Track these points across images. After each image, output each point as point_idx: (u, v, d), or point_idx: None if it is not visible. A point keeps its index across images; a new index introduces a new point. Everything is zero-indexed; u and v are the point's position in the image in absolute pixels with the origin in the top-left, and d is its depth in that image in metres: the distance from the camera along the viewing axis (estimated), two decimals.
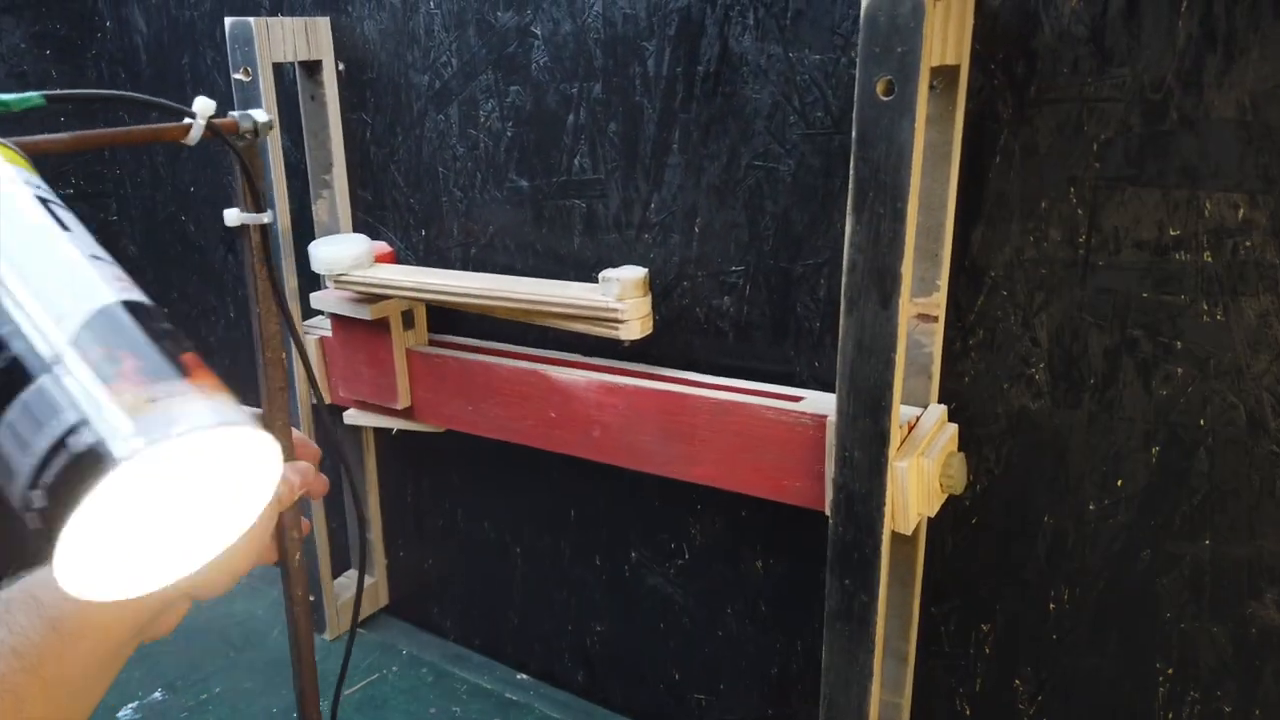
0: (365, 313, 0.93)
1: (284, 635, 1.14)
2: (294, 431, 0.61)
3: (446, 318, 1.01)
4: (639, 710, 1.01)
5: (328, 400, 1.02)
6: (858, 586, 0.71)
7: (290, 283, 1.01)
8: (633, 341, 0.83)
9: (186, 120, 0.55)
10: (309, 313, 1.04)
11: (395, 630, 1.17)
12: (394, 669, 1.09)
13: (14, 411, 0.32)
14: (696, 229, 0.83)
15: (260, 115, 0.56)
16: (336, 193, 1.03)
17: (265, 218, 0.57)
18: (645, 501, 0.94)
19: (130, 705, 1.02)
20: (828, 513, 0.73)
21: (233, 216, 0.57)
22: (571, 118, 0.86)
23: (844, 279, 0.65)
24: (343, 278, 0.91)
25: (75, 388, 0.31)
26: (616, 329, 0.81)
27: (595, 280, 0.88)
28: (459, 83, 0.93)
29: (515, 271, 0.95)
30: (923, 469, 0.68)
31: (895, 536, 0.70)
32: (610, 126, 0.85)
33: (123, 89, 1.23)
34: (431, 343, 0.99)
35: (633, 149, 0.84)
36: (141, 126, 0.55)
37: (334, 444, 0.72)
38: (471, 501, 1.08)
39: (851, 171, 0.63)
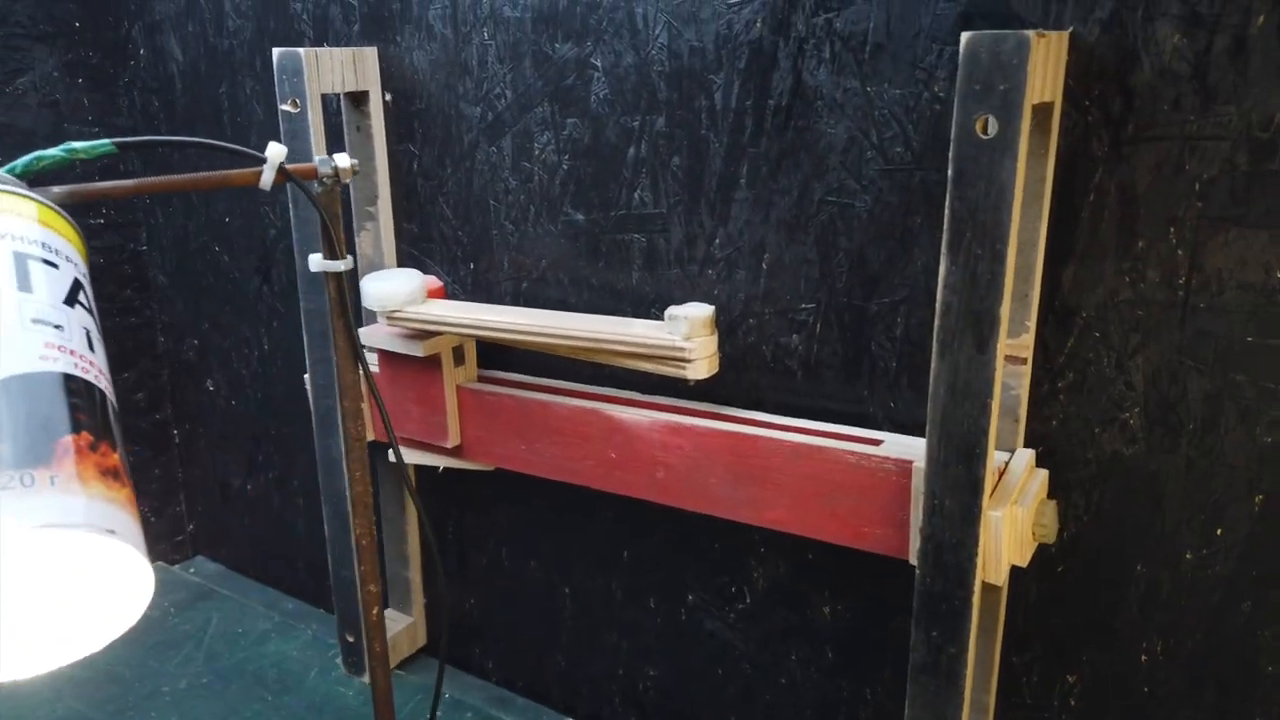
0: (417, 349, 0.90)
1: (321, 677, 1.11)
2: None
3: (495, 353, 0.98)
4: None
5: (452, 443, 0.99)
6: (945, 639, 0.68)
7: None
8: (698, 381, 0.81)
9: (259, 167, 0.53)
10: None
11: (434, 672, 1.13)
12: (439, 713, 1.05)
13: None
14: (764, 265, 0.80)
15: (342, 160, 0.54)
16: (381, 225, 1.01)
17: (343, 265, 0.54)
18: (704, 543, 0.91)
19: None
20: (913, 561, 0.70)
21: (316, 263, 0.55)
22: (632, 151, 0.84)
23: (937, 321, 0.63)
24: (396, 314, 0.88)
25: None
26: (683, 368, 0.79)
27: (655, 316, 0.85)
28: (513, 114, 0.91)
29: (568, 306, 0.92)
30: (1016, 518, 0.66)
31: (984, 586, 0.68)
32: (674, 160, 0.82)
33: (156, 118, 1.21)
34: (480, 379, 0.97)
35: (697, 183, 0.82)
36: (210, 173, 0.53)
37: (408, 489, 0.69)
38: (518, 540, 1.05)
39: (947, 211, 0.61)
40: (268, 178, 0.51)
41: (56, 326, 0.43)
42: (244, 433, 1.27)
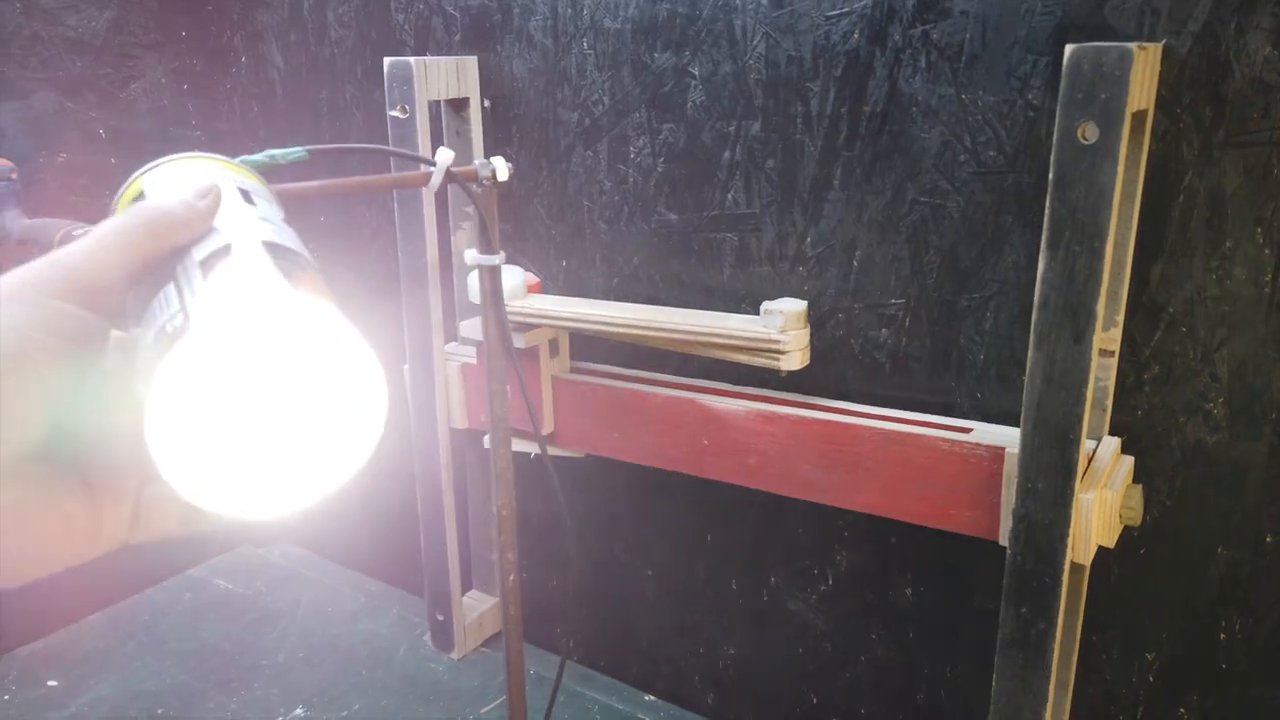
0: (520, 341, 0.96)
1: (410, 654, 1.16)
2: None
3: (586, 345, 1.03)
4: None
5: (547, 430, 1.04)
6: (1035, 615, 0.72)
7: (435, 313, 1.04)
8: (789, 372, 0.85)
9: (427, 169, 0.58)
10: (444, 340, 1.07)
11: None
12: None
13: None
14: (855, 262, 0.85)
15: (500, 165, 0.59)
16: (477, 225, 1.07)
17: (497, 260, 0.60)
18: (787, 528, 0.96)
19: None
20: (1003, 542, 0.74)
21: (472, 257, 0.60)
22: (727, 154, 0.89)
23: (1035, 314, 0.67)
24: None
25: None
26: (778, 360, 0.84)
27: (746, 311, 0.90)
28: (610, 120, 0.96)
29: (659, 302, 0.97)
30: (1105, 501, 0.70)
31: (1071, 566, 0.72)
32: (768, 163, 0.87)
33: (255, 123, 1.27)
34: (573, 370, 1.02)
35: (790, 184, 0.86)
36: (385, 175, 0.58)
37: (545, 477, 0.74)
38: (602, 524, 1.10)
39: (1048, 212, 0.65)
40: (436, 180, 0.56)
41: (273, 223, 0.45)
42: None
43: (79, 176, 1.14)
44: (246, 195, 0.44)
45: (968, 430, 0.78)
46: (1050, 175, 0.65)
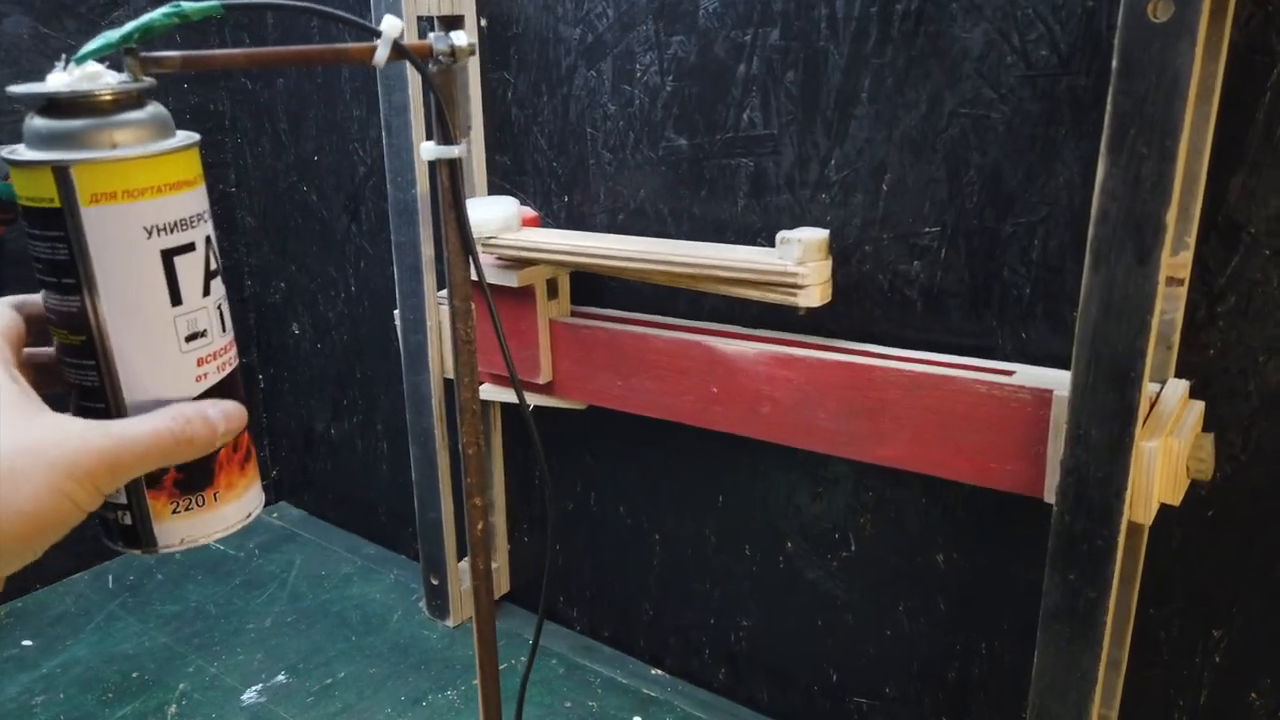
0: (511, 279, 0.87)
1: (404, 620, 1.09)
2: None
3: (587, 287, 0.95)
4: (789, 713, 0.94)
5: (544, 379, 0.97)
6: (1084, 582, 0.63)
7: (426, 250, 0.96)
8: (808, 310, 0.76)
9: (374, 41, 0.49)
10: (438, 285, 0.99)
11: (519, 619, 1.11)
12: (521, 659, 1.03)
13: None
14: (884, 186, 0.75)
15: (460, 38, 0.50)
16: (474, 157, 0.98)
17: (456, 150, 0.51)
18: (806, 488, 0.87)
19: (254, 688, 0.98)
20: (1048, 499, 0.65)
21: (428, 150, 0.52)
22: (742, 68, 0.80)
23: (1091, 230, 0.58)
24: (491, 240, 0.85)
25: (131, 482, 0.41)
26: (795, 295, 0.74)
27: (762, 247, 0.81)
28: (614, 35, 0.87)
29: (668, 238, 0.88)
30: (1171, 450, 0.60)
31: (1129, 527, 0.62)
32: (787, 76, 0.78)
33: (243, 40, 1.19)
34: (573, 314, 0.93)
35: (813, 100, 0.77)
36: (322, 46, 0.50)
37: (526, 428, 0.65)
38: (605, 484, 1.02)
39: (1110, 106, 0.55)
40: (382, 54, 0.48)
41: (202, 334, 0.43)
42: (328, 376, 1.26)
43: None
44: (170, 272, 0.42)
45: (1009, 373, 0.69)
46: (1114, 62, 0.55)
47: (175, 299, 0.43)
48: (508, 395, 0.96)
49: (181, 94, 1.20)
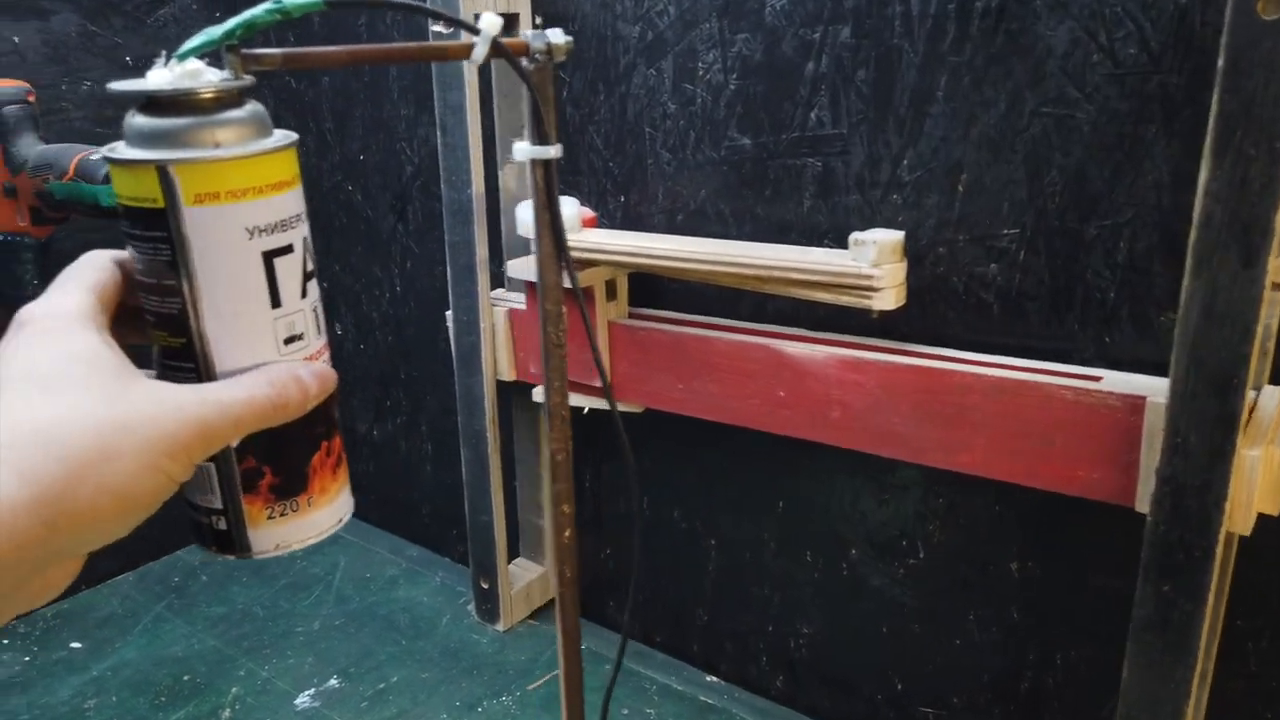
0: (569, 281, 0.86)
1: (453, 624, 1.08)
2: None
3: (645, 289, 0.93)
4: None
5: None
6: (1180, 594, 0.61)
7: (480, 250, 0.95)
8: (881, 314, 0.75)
9: (470, 38, 0.48)
10: (493, 286, 0.98)
11: None
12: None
13: None
14: (960, 187, 0.74)
15: (556, 36, 0.49)
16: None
17: (552, 151, 0.50)
18: (872, 493, 0.85)
19: (307, 692, 0.97)
20: (1140, 508, 0.63)
21: (522, 150, 0.50)
22: (811, 66, 0.78)
23: (1193, 234, 0.56)
24: None
25: (225, 486, 0.41)
26: (869, 298, 0.73)
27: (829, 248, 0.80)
28: (675, 33, 0.85)
29: (729, 239, 0.87)
30: (1273, 459, 0.58)
31: (1226, 537, 0.61)
32: (859, 74, 0.76)
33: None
34: (631, 315, 0.92)
35: (885, 98, 0.75)
36: (421, 44, 0.48)
37: (616, 432, 0.63)
38: (660, 487, 1.01)
39: (1215, 107, 0.54)
40: (480, 52, 0.46)
41: (300, 337, 0.42)
42: (371, 377, 1.25)
43: (104, 107, 1.07)
44: (270, 274, 0.41)
45: (1096, 379, 0.67)
46: (1220, 62, 0.53)
47: (275, 301, 0.42)
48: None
49: None
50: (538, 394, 0.97)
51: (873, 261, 0.72)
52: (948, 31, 0.71)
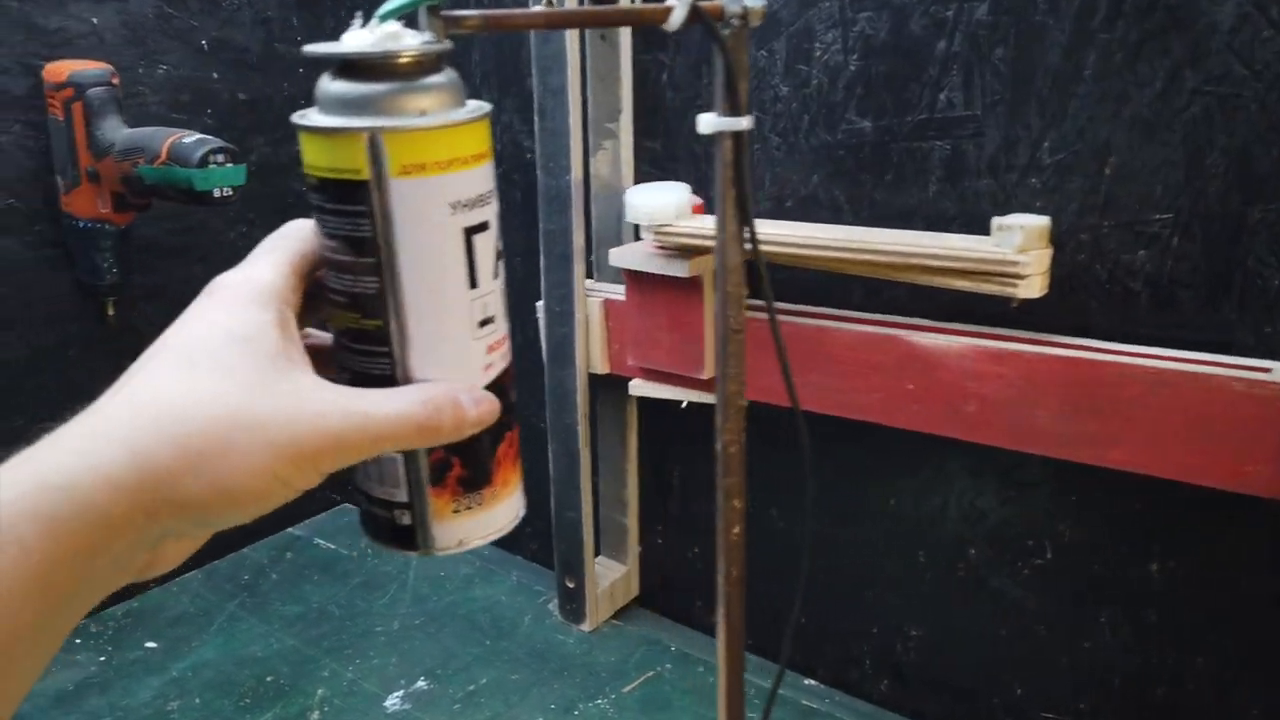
0: (680, 269, 0.83)
1: (536, 624, 1.06)
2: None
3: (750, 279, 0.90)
4: None
5: (708, 374, 0.92)
6: None
7: (577, 239, 0.92)
8: (1021, 302, 0.71)
9: (669, 2, 0.45)
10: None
11: (653, 624, 1.07)
12: (667, 666, 0.99)
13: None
14: (1108, 170, 0.70)
15: (754, 1, 0.46)
16: (621, 144, 0.94)
17: (744, 122, 0.47)
18: (994, 491, 0.82)
19: (395, 694, 0.94)
20: None
21: (708, 122, 0.47)
22: (942, 44, 0.75)
23: None
24: (666, 229, 0.81)
25: (412, 479, 0.38)
26: (1014, 285, 0.70)
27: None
28: (790, 12, 0.82)
29: (843, 225, 0.84)
30: None
31: None
32: (996, 53, 0.73)
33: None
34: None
35: (1026, 78, 0.72)
36: (617, 7, 0.46)
37: (801, 443, 0.59)
38: (755, 484, 0.97)
39: None
40: (679, 16, 0.43)
41: (491, 320, 0.39)
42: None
43: (180, 92, 1.04)
44: (469, 252, 0.38)
45: (1265, 369, 0.64)
46: None
47: (472, 281, 0.39)
48: (664, 391, 0.92)
49: (297, 78, 1.16)
50: (634, 387, 0.94)
51: (1018, 247, 0.69)
52: (1099, 8, 0.68)
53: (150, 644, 1.02)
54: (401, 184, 0.36)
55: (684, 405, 0.94)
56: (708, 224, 0.81)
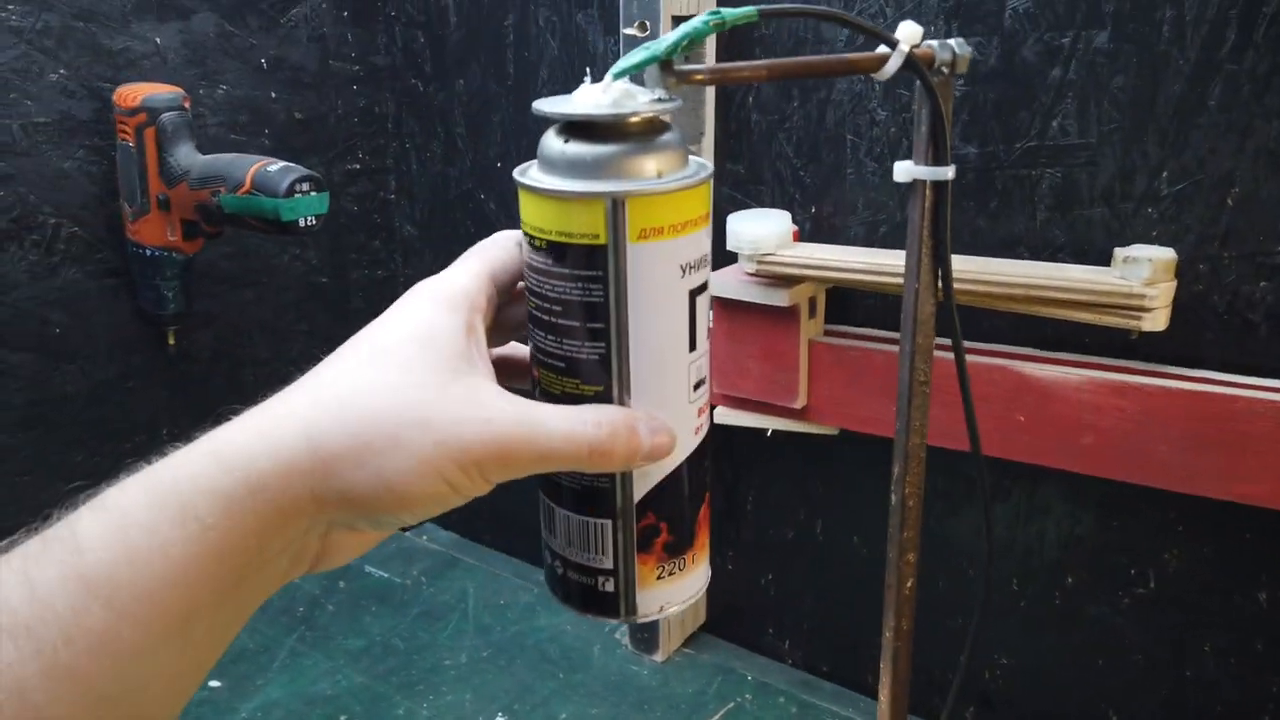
0: (779, 298, 0.81)
1: (606, 655, 1.04)
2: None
3: (836, 306, 0.89)
4: None
5: (800, 404, 0.91)
6: None
7: None
8: (1141, 334, 0.71)
9: (881, 50, 0.44)
10: None
11: (725, 652, 1.06)
12: (747, 697, 0.97)
13: (571, 515, 0.39)
14: (1230, 201, 0.70)
15: (960, 47, 0.45)
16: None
17: (948, 173, 0.45)
18: (1092, 518, 0.81)
19: None
20: None
21: (903, 170, 0.46)
22: (1057, 72, 0.74)
23: None
24: (769, 258, 0.79)
25: (620, 545, 0.38)
26: (1139, 318, 0.69)
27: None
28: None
29: None
30: None
31: None
32: (1114, 81, 0.72)
33: (419, 54, 1.13)
34: (827, 333, 0.88)
35: (1146, 107, 0.71)
36: (832, 57, 0.44)
37: (981, 485, 0.58)
38: (838, 512, 0.96)
39: None
40: (893, 65, 0.42)
41: (703, 381, 0.39)
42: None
43: (239, 112, 1.01)
44: (692, 314, 0.37)
45: None
46: None
47: (692, 344, 0.38)
48: (750, 419, 0.91)
49: (350, 95, 1.13)
50: (719, 415, 0.92)
51: (1146, 280, 0.68)
52: (1226, 38, 0.68)
53: (214, 683, 0.99)
54: (639, 249, 0.35)
55: (769, 434, 0.92)
56: (811, 253, 0.80)
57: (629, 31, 0.84)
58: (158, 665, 0.30)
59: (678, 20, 0.85)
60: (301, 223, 0.80)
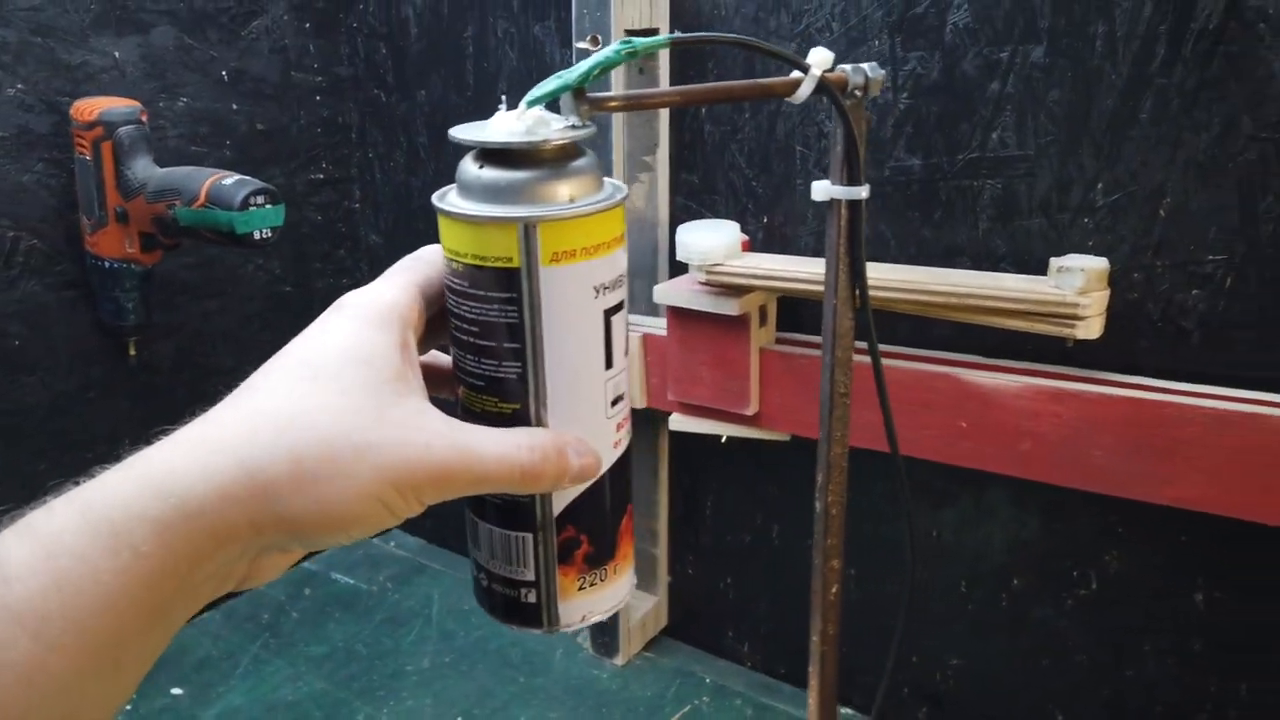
0: (729, 307, 0.83)
1: (568, 659, 1.05)
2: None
3: (785, 314, 0.90)
4: None
5: (752, 410, 0.92)
6: None
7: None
8: (1077, 342, 0.73)
9: (795, 75, 0.45)
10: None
11: (684, 655, 1.07)
12: (705, 699, 0.99)
13: (494, 530, 0.39)
14: (1161, 212, 0.72)
15: (872, 70, 0.46)
16: (658, 176, 0.94)
17: (861, 192, 0.47)
18: (1037, 522, 0.83)
19: None
20: None
21: (821, 190, 0.47)
22: (995, 85, 0.76)
23: None
24: (718, 268, 0.81)
25: (540, 557, 0.39)
26: (1073, 326, 0.71)
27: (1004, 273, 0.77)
28: (839, 50, 0.82)
29: (890, 262, 0.84)
30: None
31: None
32: (1050, 95, 0.74)
33: (381, 66, 1.14)
34: (778, 341, 0.89)
35: (1080, 120, 0.73)
36: (745, 82, 0.46)
37: (900, 490, 0.60)
38: (792, 516, 0.98)
39: None
40: (805, 91, 0.43)
41: (621, 398, 0.39)
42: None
43: (200, 123, 1.01)
44: (608, 333, 0.38)
45: None
46: None
47: (608, 362, 0.39)
48: (704, 426, 0.92)
49: (313, 106, 1.14)
50: (675, 422, 0.94)
51: (1079, 289, 0.70)
52: (1156, 53, 0.69)
53: (176, 690, 0.99)
54: (552, 271, 0.36)
55: (724, 440, 0.94)
56: (759, 263, 0.81)
57: (582, 45, 0.85)
58: (84, 694, 0.30)
59: (630, 34, 0.86)
60: (257, 235, 0.80)
